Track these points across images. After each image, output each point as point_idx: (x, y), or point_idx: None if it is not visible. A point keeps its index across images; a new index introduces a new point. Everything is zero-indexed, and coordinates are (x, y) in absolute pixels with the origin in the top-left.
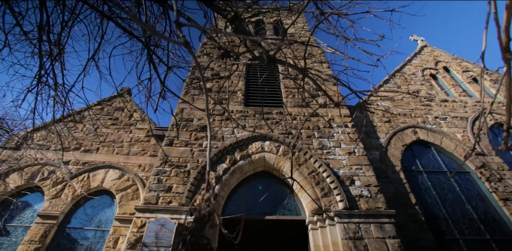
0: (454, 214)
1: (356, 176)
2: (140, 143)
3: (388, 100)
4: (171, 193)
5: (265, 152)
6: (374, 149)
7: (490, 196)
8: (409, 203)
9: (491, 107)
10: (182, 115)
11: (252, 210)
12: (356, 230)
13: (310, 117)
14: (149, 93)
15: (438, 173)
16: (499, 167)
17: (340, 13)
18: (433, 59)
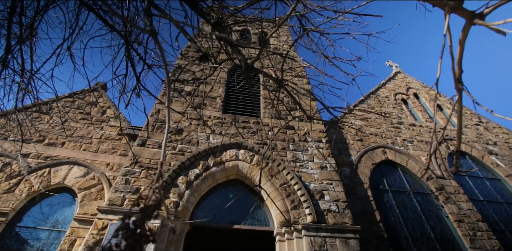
0: (414, 232)
1: (326, 191)
2: (111, 141)
3: (362, 120)
4: (137, 195)
5: (239, 161)
6: (345, 166)
7: (447, 217)
8: (374, 220)
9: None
10: (158, 116)
11: (221, 218)
12: (322, 244)
13: (286, 130)
14: (123, 89)
15: (403, 193)
16: (455, 191)
17: (321, 32)
18: (405, 85)
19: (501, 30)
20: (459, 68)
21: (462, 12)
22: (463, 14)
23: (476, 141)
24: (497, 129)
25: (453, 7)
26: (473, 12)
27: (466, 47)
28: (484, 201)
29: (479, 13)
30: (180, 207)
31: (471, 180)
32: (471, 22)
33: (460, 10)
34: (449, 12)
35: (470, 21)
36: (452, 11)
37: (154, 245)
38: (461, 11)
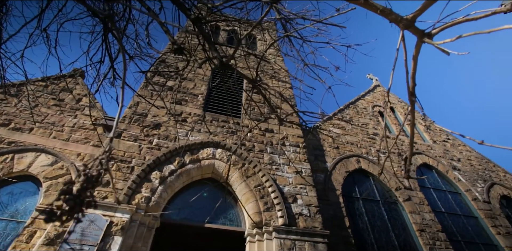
0: (380, 240)
1: (299, 195)
2: (84, 130)
3: (339, 128)
4: (109, 188)
5: (216, 160)
6: (320, 172)
7: (411, 226)
8: (343, 226)
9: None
10: (136, 109)
11: (193, 216)
12: (291, 247)
13: (265, 132)
14: (97, 76)
15: (372, 201)
16: (420, 202)
17: (304, 39)
18: (383, 98)
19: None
20: (412, 82)
21: (414, 30)
22: (415, 32)
23: (442, 156)
24: (461, 146)
25: (406, 24)
26: (423, 31)
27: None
28: (445, 213)
29: (428, 32)
30: (151, 202)
31: (435, 193)
32: (421, 40)
33: (412, 28)
34: (403, 29)
35: (420, 39)
36: (405, 28)
37: (121, 239)
38: (413, 29)
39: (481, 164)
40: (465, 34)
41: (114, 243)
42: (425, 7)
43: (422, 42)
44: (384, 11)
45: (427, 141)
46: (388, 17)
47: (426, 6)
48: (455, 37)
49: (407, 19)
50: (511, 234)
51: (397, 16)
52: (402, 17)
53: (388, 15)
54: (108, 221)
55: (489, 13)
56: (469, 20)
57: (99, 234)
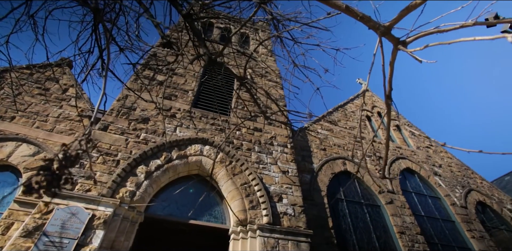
0: (361, 240)
1: (284, 194)
2: (70, 121)
3: (328, 130)
4: (92, 181)
5: (203, 156)
6: (306, 172)
7: (392, 229)
8: (327, 226)
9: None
10: (125, 102)
11: (178, 212)
12: (274, 245)
13: (254, 131)
14: (85, 66)
15: (356, 203)
16: (402, 205)
17: (295, 40)
18: (371, 103)
19: (417, 58)
20: (389, 86)
21: (390, 38)
22: (391, 39)
23: (425, 162)
24: (443, 153)
25: (383, 32)
26: (398, 38)
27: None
28: (425, 216)
29: (403, 40)
30: (136, 197)
31: (416, 197)
32: (397, 47)
33: (388, 36)
34: (380, 36)
35: (396, 46)
36: (382, 35)
37: (103, 232)
38: (389, 36)
39: (460, 171)
40: (431, 44)
41: (95, 236)
42: (400, 17)
43: (397, 49)
44: (364, 18)
45: (411, 147)
46: (367, 23)
47: (402, 16)
48: (423, 46)
49: (384, 26)
50: (484, 238)
51: (375, 23)
52: (380, 24)
53: (367, 22)
54: (90, 214)
55: (458, 26)
56: (440, 31)
57: (80, 227)
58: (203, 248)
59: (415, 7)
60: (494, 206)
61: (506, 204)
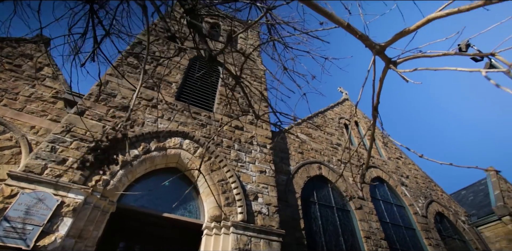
0: (330, 243)
1: (260, 194)
2: (43, 102)
3: (307, 135)
4: (64, 166)
5: (182, 150)
6: (283, 174)
7: (359, 233)
8: (298, 227)
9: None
10: (105, 88)
11: (152, 205)
12: (247, 243)
13: (235, 129)
14: (75, 48)
15: (327, 207)
16: (370, 211)
17: (286, 44)
18: (350, 112)
19: (405, 78)
20: (377, 99)
21: (383, 57)
22: (384, 58)
23: (394, 172)
24: (411, 165)
25: (378, 51)
26: (390, 59)
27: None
28: (389, 223)
29: (394, 60)
30: (109, 186)
31: (383, 204)
32: (388, 66)
33: (382, 55)
34: (375, 54)
35: (387, 65)
36: (377, 54)
37: (71, 220)
38: (383, 56)
39: (424, 183)
40: (420, 68)
41: (63, 224)
42: (394, 39)
43: (388, 68)
44: (362, 37)
45: (383, 157)
46: (365, 42)
47: (395, 39)
48: (413, 69)
49: (379, 46)
50: (439, 246)
51: (372, 42)
52: (375, 43)
53: (365, 40)
54: (59, 201)
55: (441, 54)
56: (426, 56)
57: (47, 214)
58: (175, 242)
59: (408, 33)
60: (451, 217)
61: (460, 216)
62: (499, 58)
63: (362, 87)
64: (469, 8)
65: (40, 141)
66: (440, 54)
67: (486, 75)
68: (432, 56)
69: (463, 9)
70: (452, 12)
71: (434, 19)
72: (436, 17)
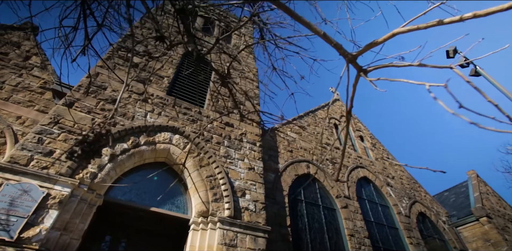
0: (314, 240)
1: (248, 190)
2: (30, 92)
3: (296, 133)
4: (51, 158)
5: (172, 145)
6: (271, 171)
7: (343, 231)
8: (284, 224)
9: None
10: (95, 80)
11: (139, 199)
12: (233, 238)
13: (226, 126)
14: (66, 40)
15: (314, 205)
16: (355, 210)
17: (276, 45)
18: (340, 112)
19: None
20: (351, 103)
21: (355, 65)
22: (356, 67)
23: (380, 172)
24: (397, 166)
25: (350, 59)
26: (361, 67)
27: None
28: (374, 222)
29: (364, 69)
30: (97, 179)
31: (369, 204)
32: (359, 74)
33: (354, 63)
34: (347, 62)
35: (359, 72)
36: (349, 62)
37: (57, 213)
38: (355, 64)
39: (409, 184)
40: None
41: (48, 216)
42: (365, 50)
43: (359, 76)
44: (337, 45)
45: (371, 157)
46: (339, 50)
47: (366, 49)
48: (376, 78)
49: (351, 55)
50: (420, 245)
51: (345, 51)
52: (348, 53)
53: (339, 49)
54: (45, 193)
55: (406, 64)
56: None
57: (32, 205)
58: (162, 237)
59: (376, 44)
60: (432, 217)
61: (441, 217)
62: (456, 71)
63: (334, 93)
64: (426, 26)
65: (27, 132)
66: (406, 64)
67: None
68: (398, 66)
69: (421, 27)
70: (413, 29)
71: (399, 33)
72: (399, 32)
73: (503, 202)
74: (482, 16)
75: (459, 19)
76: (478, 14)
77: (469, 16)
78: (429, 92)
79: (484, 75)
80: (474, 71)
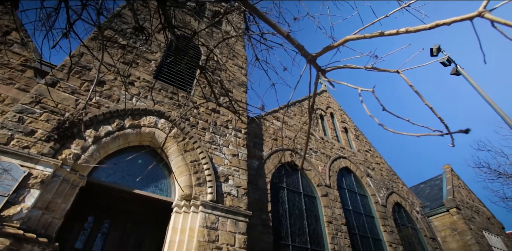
0: (294, 225)
1: (231, 176)
2: (10, 70)
3: (282, 122)
4: (33, 138)
5: (157, 129)
6: (255, 159)
7: (322, 218)
8: (266, 210)
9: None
10: (80, 60)
11: (123, 181)
12: (214, 221)
13: (212, 112)
14: (48, 22)
15: (295, 192)
16: (335, 198)
17: (262, 35)
18: (327, 103)
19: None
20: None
21: (315, 65)
22: (315, 66)
23: (362, 163)
24: (378, 158)
25: (310, 59)
26: (320, 67)
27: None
28: (352, 210)
29: (323, 69)
30: (80, 160)
31: (348, 193)
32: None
33: (314, 63)
34: (308, 62)
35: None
36: (309, 62)
37: (38, 192)
38: (314, 64)
39: (388, 175)
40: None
41: (29, 195)
42: (323, 52)
43: (318, 75)
44: (299, 46)
45: (353, 149)
46: (300, 51)
47: (324, 51)
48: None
49: (311, 55)
50: (393, 232)
51: (306, 52)
52: (308, 53)
53: (301, 49)
54: (26, 173)
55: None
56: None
57: (13, 184)
58: (145, 218)
59: (332, 48)
60: (407, 207)
61: (416, 207)
62: (402, 76)
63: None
64: (370, 36)
65: (6, 110)
66: (361, 67)
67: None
68: (353, 68)
69: (367, 36)
70: (360, 37)
71: (350, 40)
72: (351, 38)
73: (472, 195)
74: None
75: (396, 33)
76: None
77: (402, 31)
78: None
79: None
80: (455, 70)
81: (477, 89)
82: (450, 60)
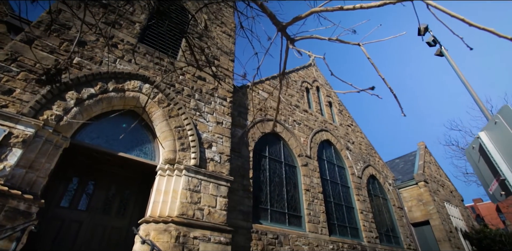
0: (273, 192)
1: (215, 143)
2: None
3: (268, 93)
4: (11, 97)
5: (142, 94)
6: (240, 127)
7: (300, 186)
8: (247, 176)
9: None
10: (58, 17)
11: (108, 144)
12: (197, 185)
13: (198, 79)
14: None
15: (277, 161)
16: (314, 169)
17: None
18: (313, 77)
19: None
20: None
21: (285, 34)
22: (285, 36)
23: (342, 137)
24: (358, 133)
25: (281, 28)
26: (289, 35)
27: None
28: (329, 180)
29: (292, 38)
30: (63, 121)
31: (327, 164)
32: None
33: (284, 32)
34: (278, 31)
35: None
36: (279, 31)
37: (21, 151)
38: (284, 33)
39: (366, 149)
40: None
41: (12, 154)
42: (292, 21)
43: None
44: (271, 15)
45: (336, 123)
46: (272, 20)
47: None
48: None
49: (282, 24)
50: (365, 202)
51: (277, 21)
52: (279, 22)
53: (272, 18)
54: (6, 132)
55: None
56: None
57: None
58: (129, 180)
59: (300, 18)
60: (381, 180)
61: (388, 179)
62: (362, 49)
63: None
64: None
65: None
66: (325, 38)
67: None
68: (320, 39)
69: (330, 9)
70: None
71: (316, 12)
72: (316, 11)
73: (440, 171)
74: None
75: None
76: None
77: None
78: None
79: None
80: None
81: (455, 70)
82: (435, 41)
